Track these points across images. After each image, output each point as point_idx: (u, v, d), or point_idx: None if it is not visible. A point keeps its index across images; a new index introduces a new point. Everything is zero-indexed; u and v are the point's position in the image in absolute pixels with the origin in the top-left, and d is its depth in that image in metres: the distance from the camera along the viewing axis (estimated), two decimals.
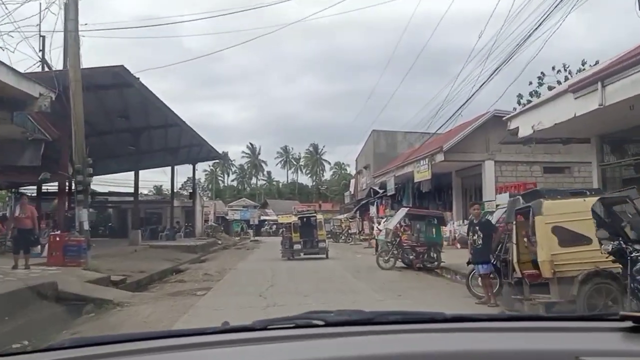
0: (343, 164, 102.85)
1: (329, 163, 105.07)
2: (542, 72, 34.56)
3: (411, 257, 17.60)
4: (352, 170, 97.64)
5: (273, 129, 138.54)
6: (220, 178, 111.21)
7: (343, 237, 42.56)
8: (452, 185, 29.52)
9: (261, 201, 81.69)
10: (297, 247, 23.10)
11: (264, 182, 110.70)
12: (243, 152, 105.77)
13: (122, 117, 26.14)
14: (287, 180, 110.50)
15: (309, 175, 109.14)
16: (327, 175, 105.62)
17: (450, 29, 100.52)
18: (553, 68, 34.44)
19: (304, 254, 23.14)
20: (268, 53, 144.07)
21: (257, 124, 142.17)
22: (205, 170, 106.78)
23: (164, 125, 31.09)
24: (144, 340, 1.59)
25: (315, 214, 26.69)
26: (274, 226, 63.83)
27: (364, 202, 40.35)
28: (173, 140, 36.02)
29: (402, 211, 20.24)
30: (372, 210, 37.86)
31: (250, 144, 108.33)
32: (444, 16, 45.18)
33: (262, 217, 67.30)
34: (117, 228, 43.92)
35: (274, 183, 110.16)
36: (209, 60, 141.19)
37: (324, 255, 23.26)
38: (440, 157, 25.37)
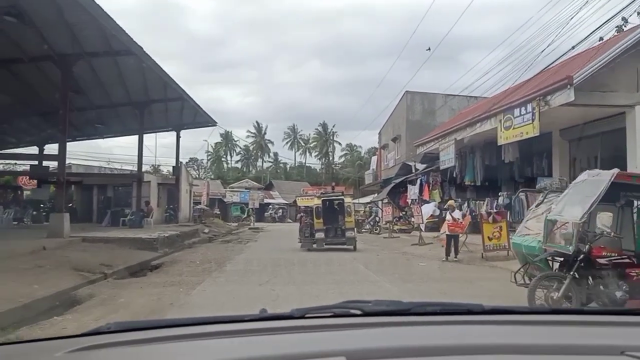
0: (355, 145, 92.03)
1: (340, 144, 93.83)
2: None
3: (619, 294, 6.60)
4: (364, 150, 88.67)
5: (279, 115, 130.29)
6: (223, 159, 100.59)
7: (368, 227, 31.66)
8: (553, 152, 18.42)
9: (266, 183, 70.67)
10: (319, 235, 18.37)
11: (271, 164, 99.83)
12: (248, 131, 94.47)
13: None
14: (295, 163, 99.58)
15: (318, 157, 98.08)
16: (337, 158, 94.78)
17: (456, 15, 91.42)
18: None
19: (327, 244, 18.40)
20: (274, 38, 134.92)
21: (263, 109, 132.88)
22: (207, 151, 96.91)
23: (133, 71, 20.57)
24: (186, 326, 1.56)
25: (342, 197, 20.16)
26: (280, 211, 52.91)
27: (397, 181, 29.28)
28: (145, 97, 25.19)
29: (598, 181, 8.16)
30: (413, 191, 26.88)
31: (257, 122, 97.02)
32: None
33: (267, 200, 56.39)
34: (82, 210, 33.34)
35: (281, 165, 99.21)
36: (213, 45, 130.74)
37: (352, 247, 18.51)
38: (563, 98, 14.23)
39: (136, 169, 28.36)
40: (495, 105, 18.03)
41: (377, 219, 31.29)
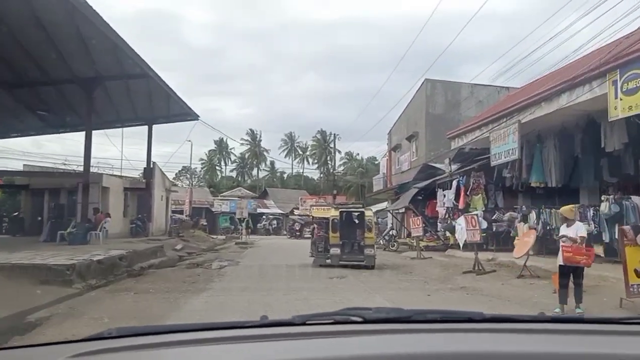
0: (354, 153, 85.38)
1: (339, 152, 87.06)
2: None
3: None
4: (366, 157, 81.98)
5: (276, 126, 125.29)
6: (218, 168, 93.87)
7: (382, 242, 24.88)
8: None
9: (262, 191, 63.84)
10: (334, 251, 15.54)
11: (267, 172, 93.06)
12: (242, 138, 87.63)
13: None
14: (293, 172, 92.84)
15: (316, 166, 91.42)
16: (337, 167, 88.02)
17: (452, 27, 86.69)
18: None
19: (343, 261, 15.38)
20: (271, 50, 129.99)
21: (260, 120, 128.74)
22: (201, 159, 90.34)
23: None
24: (186, 332, 1.53)
25: (362, 209, 17.25)
26: (275, 222, 45.99)
27: (422, 185, 22.48)
28: (91, 70, 18.55)
29: None
30: (447, 196, 20.10)
31: (250, 129, 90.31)
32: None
33: (260, 210, 49.48)
34: (31, 221, 26.50)
35: (278, 174, 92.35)
36: (210, 56, 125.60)
37: (371, 265, 15.28)
38: None
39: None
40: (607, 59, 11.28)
41: (392, 232, 24.49)
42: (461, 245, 17.18)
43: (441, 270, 14.54)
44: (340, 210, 16.58)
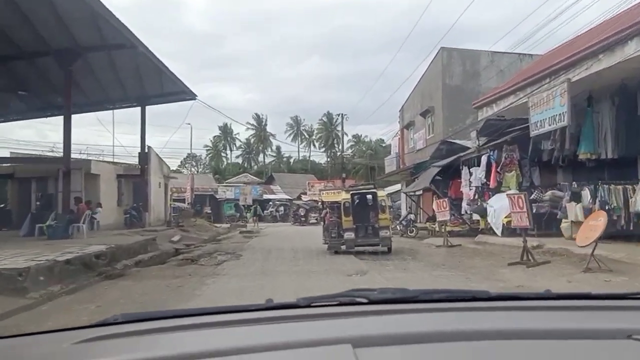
0: (361, 135, 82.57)
1: (347, 134, 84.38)
2: None
3: None
4: (372, 138, 79.19)
5: (280, 111, 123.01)
6: (223, 155, 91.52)
7: (399, 227, 22.51)
8: None
9: (268, 177, 61.46)
10: (348, 235, 14.69)
11: (273, 158, 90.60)
12: (248, 122, 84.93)
13: None
14: (299, 156, 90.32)
15: (323, 150, 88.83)
16: (344, 149, 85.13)
17: (457, 5, 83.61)
18: None
19: (358, 245, 14.73)
20: (272, 34, 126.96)
21: (263, 106, 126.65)
22: (206, 146, 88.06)
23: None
24: (192, 317, 1.52)
25: (374, 190, 16.10)
26: (282, 208, 43.61)
27: (443, 163, 19.92)
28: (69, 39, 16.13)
29: None
30: (474, 175, 17.56)
31: (256, 113, 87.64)
32: None
33: (267, 196, 47.11)
34: (19, 212, 24.25)
35: (284, 159, 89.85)
36: (211, 43, 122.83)
37: (386, 248, 14.68)
38: None
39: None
40: None
41: (411, 216, 22.04)
42: (498, 231, 14.75)
43: (480, 260, 12.10)
44: (352, 192, 15.66)
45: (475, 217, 17.16)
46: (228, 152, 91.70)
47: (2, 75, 18.40)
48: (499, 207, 15.00)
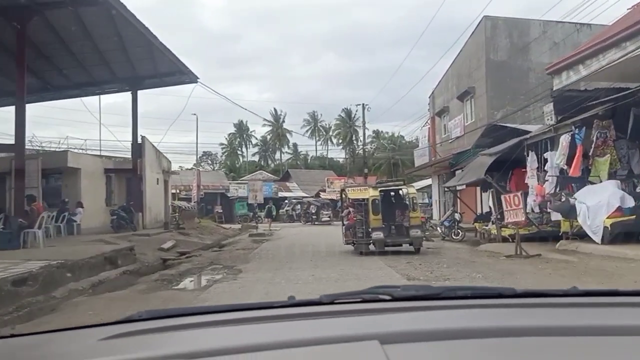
0: (381, 131, 77.72)
1: (368, 129, 79.64)
2: None
3: None
4: (394, 132, 74.48)
5: (296, 109, 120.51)
6: (239, 152, 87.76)
7: (441, 229, 18.26)
8: None
9: (284, 173, 57.36)
10: (376, 235, 13.64)
11: (290, 155, 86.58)
12: (265, 119, 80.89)
13: None
14: (316, 153, 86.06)
15: (341, 147, 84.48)
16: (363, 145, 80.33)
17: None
18: None
19: (388, 245, 13.85)
20: (287, 32, 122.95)
21: (280, 104, 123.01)
22: (222, 144, 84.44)
23: None
24: (214, 314, 1.50)
25: (404, 187, 15.36)
26: (299, 206, 39.41)
27: (501, 148, 15.47)
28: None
29: None
30: (549, 162, 13.12)
31: (274, 109, 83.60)
32: None
33: (282, 193, 42.99)
34: None
35: (301, 156, 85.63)
36: (227, 41, 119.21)
37: (417, 247, 13.77)
38: None
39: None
40: None
41: (457, 216, 17.67)
42: (596, 236, 10.42)
43: (597, 284, 7.73)
44: (380, 189, 14.59)
45: (555, 216, 12.75)
46: (244, 149, 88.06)
47: None
48: (595, 204, 10.66)
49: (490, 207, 16.67)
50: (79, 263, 9.95)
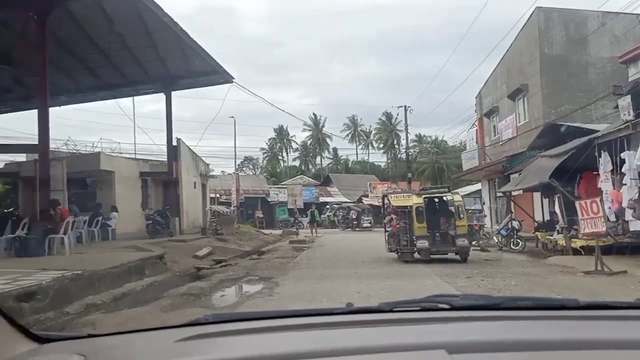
0: (424, 135, 75.37)
1: (409, 133, 77.64)
2: None
3: None
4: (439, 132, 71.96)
5: (336, 114, 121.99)
6: (280, 157, 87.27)
7: (498, 238, 16.67)
8: None
9: (325, 177, 56.20)
10: (422, 244, 13.21)
11: (330, 160, 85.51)
12: (305, 123, 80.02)
13: None
14: (357, 158, 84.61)
15: (382, 151, 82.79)
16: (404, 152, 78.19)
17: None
18: None
19: (434, 254, 13.36)
20: (326, 38, 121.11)
21: (320, 110, 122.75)
22: (262, 149, 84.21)
23: None
24: (277, 319, 1.54)
25: (448, 193, 14.83)
26: (340, 212, 38.10)
27: (568, 149, 13.75)
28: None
29: None
30: (628, 162, 11.39)
31: (314, 114, 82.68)
32: None
33: (323, 199, 41.78)
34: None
35: (342, 162, 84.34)
36: (267, 48, 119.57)
37: (464, 257, 13.21)
38: None
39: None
40: None
41: (515, 224, 15.97)
42: None
43: None
44: (425, 196, 14.25)
45: (634, 225, 11.00)
46: (284, 154, 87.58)
47: None
48: None
49: (553, 214, 14.94)
50: (100, 273, 8.97)
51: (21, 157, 19.61)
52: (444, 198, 14.50)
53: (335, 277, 10.42)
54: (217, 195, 34.06)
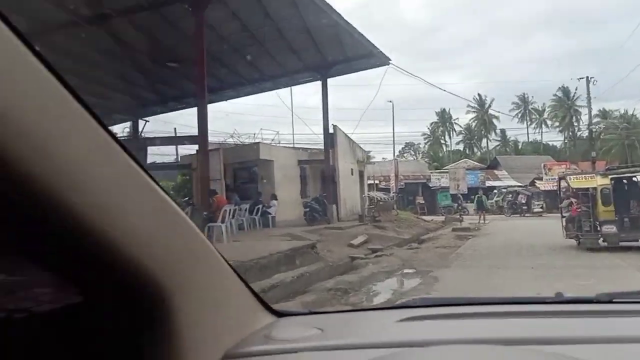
0: (609, 110, 65.67)
1: (592, 108, 68.81)
2: None
3: None
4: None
5: (503, 94, 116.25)
6: (442, 142, 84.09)
7: None
8: None
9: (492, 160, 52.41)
10: (608, 229, 12.45)
11: (497, 142, 79.92)
12: (468, 105, 75.68)
13: None
14: (528, 138, 77.71)
15: (558, 130, 74.83)
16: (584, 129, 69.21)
17: None
18: None
19: (623, 241, 12.17)
20: (490, 17, 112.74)
21: (485, 90, 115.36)
22: (424, 134, 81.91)
23: None
24: (482, 305, 1.49)
25: None
26: (510, 196, 34.89)
27: None
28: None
29: None
30: None
31: (478, 94, 77.70)
32: None
33: (490, 183, 38.72)
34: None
35: (511, 144, 78.19)
36: (430, 34, 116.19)
37: None
38: None
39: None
40: None
41: None
42: None
43: None
44: (612, 177, 13.19)
45: None
46: (447, 138, 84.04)
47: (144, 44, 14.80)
48: None
49: None
50: (248, 265, 8.62)
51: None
52: (635, 179, 13.63)
53: (506, 272, 8.84)
54: (377, 182, 33.44)
